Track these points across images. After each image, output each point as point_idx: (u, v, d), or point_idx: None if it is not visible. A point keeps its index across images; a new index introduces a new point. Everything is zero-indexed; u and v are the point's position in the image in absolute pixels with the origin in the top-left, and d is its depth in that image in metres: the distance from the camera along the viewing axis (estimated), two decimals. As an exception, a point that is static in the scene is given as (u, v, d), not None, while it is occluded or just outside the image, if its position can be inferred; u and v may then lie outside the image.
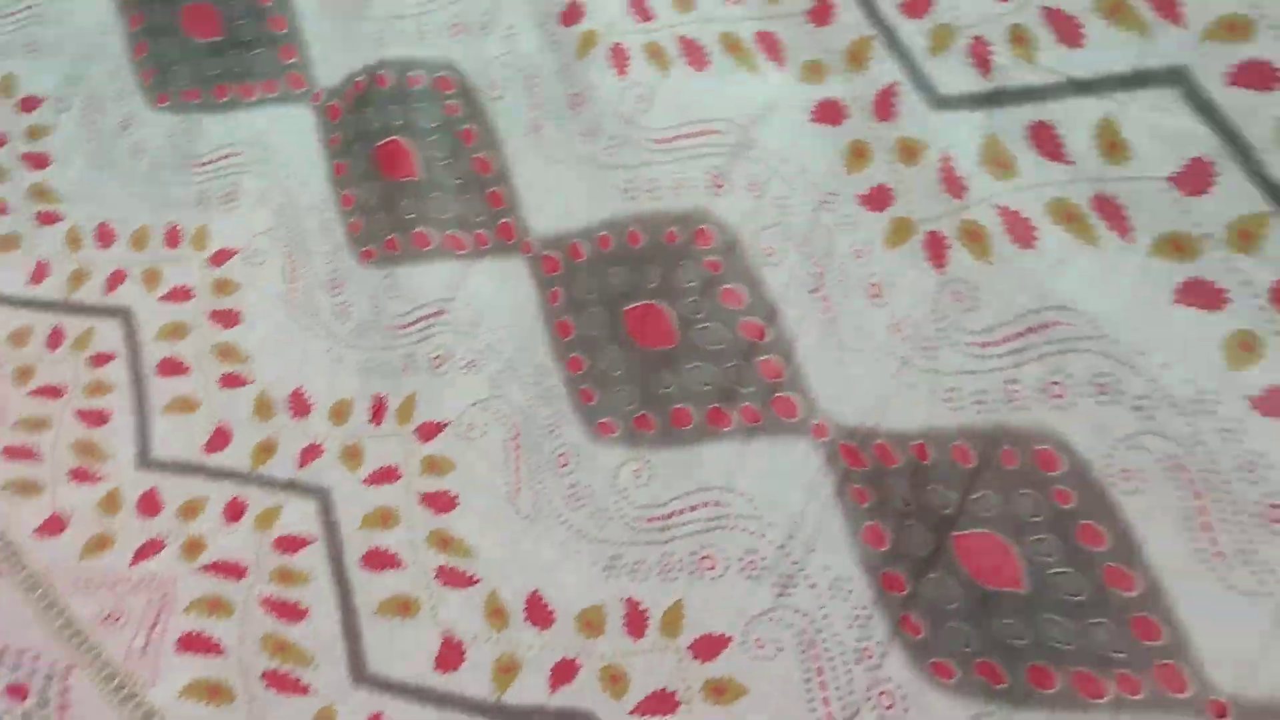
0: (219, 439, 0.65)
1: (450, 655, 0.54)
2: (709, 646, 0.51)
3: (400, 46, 0.67)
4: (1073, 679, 0.45)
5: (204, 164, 0.69)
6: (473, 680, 0.54)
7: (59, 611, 0.57)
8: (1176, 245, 0.47)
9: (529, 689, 0.53)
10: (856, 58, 0.52)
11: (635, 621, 0.52)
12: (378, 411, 0.63)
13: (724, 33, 0.57)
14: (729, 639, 0.51)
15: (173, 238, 0.70)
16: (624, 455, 0.58)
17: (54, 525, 0.63)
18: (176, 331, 0.68)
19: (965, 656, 0.46)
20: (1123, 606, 0.44)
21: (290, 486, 0.62)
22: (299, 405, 0.64)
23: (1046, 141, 0.49)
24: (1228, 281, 0.46)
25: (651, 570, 0.55)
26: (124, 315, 0.69)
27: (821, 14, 0.53)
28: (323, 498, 0.61)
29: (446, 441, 0.60)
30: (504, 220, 0.63)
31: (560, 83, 0.61)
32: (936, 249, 0.50)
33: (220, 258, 0.68)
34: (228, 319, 0.67)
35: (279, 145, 0.67)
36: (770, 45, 0.55)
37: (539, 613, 0.54)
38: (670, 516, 0.54)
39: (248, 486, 0.63)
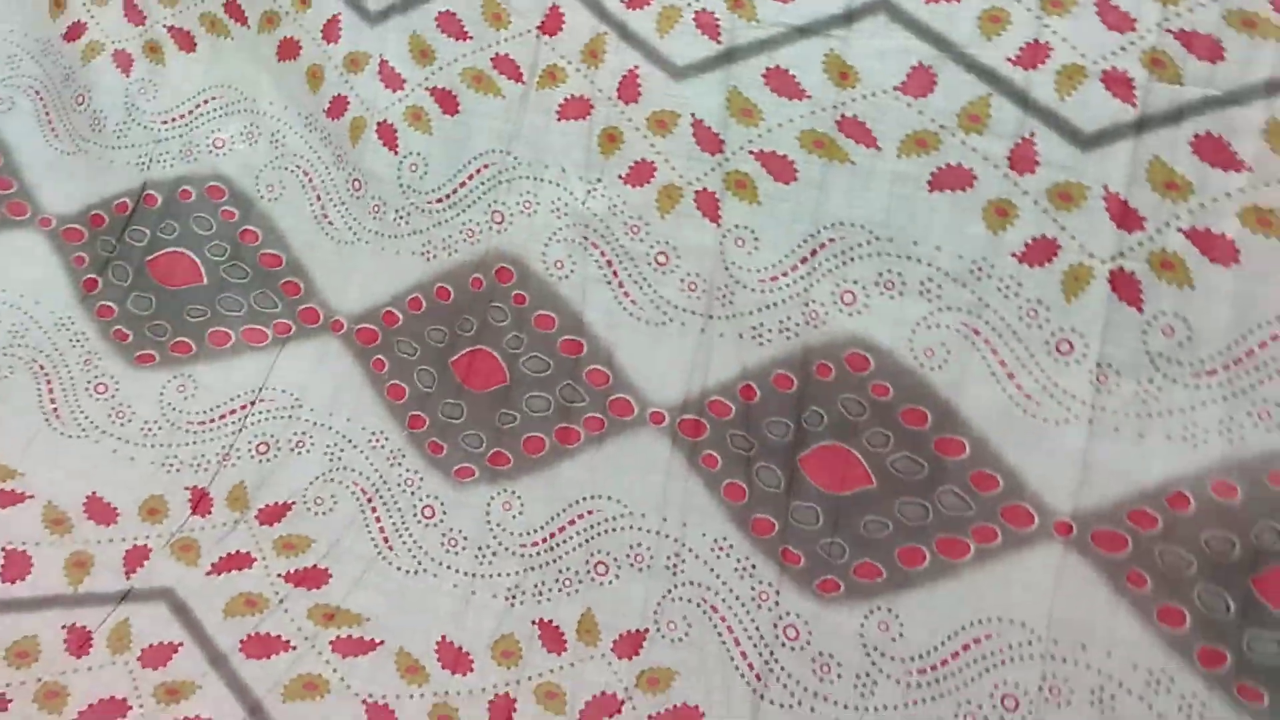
0: (16, 566, 0.57)
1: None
2: (629, 643, 0.53)
3: (164, 168, 0.70)
4: (939, 548, 0.47)
5: None
6: None
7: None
8: (919, 142, 0.52)
9: None
10: (594, 54, 0.57)
11: (553, 639, 0.54)
12: (199, 504, 0.60)
13: (465, 70, 0.62)
14: (644, 631, 0.54)
15: None
16: (488, 492, 0.59)
17: None
18: None
19: (843, 567, 0.49)
20: (959, 469, 0.47)
21: (127, 597, 0.57)
22: (100, 512, 0.60)
23: (784, 83, 0.54)
24: (970, 161, 0.51)
25: (552, 589, 0.56)
26: None
27: (553, 25, 0.59)
28: (169, 598, 0.57)
29: (295, 520, 0.60)
30: (305, 306, 0.65)
31: (338, 170, 0.65)
32: (708, 204, 0.54)
33: None
34: None
35: (14, 279, 0.69)
36: (504, 66, 0.60)
37: (454, 657, 0.53)
38: (552, 536, 0.57)
39: (77, 609, 0.56)
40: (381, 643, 0.55)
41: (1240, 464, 0.45)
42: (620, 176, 0.57)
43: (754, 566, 0.50)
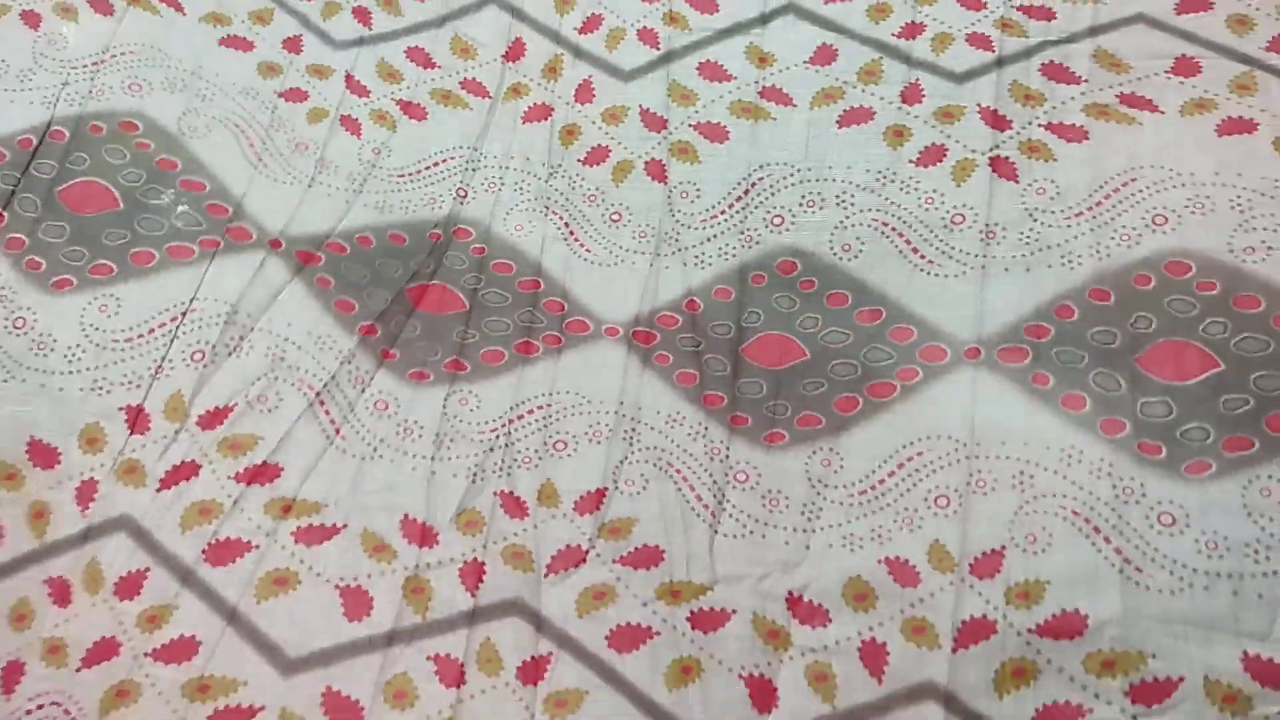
0: None
1: (357, 601, 0.88)
2: (590, 501, 0.92)
3: (71, 106, 1.10)
4: (869, 393, 0.91)
5: None
6: (389, 615, 0.87)
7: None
8: (827, 96, 1.08)
9: (449, 603, 0.88)
10: (553, 70, 1.11)
11: (514, 507, 0.92)
12: (138, 421, 0.95)
13: (434, 90, 1.17)
14: (604, 489, 0.94)
15: None
16: (445, 390, 1.01)
17: None
18: None
19: (786, 420, 0.94)
20: (879, 329, 0.93)
21: (88, 535, 0.90)
22: (43, 455, 0.93)
23: (713, 71, 1.10)
24: (870, 103, 1.06)
25: (512, 466, 0.98)
26: None
27: (515, 53, 1.13)
28: (126, 524, 0.90)
29: (238, 421, 0.96)
30: (234, 225, 1.06)
31: (279, 133, 1.13)
32: (656, 170, 1.06)
33: None
34: None
35: None
36: (472, 87, 1.14)
37: (419, 532, 0.91)
38: (510, 424, 1.01)
39: (49, 561, 0.89)
40: (344, 526, 0.93)
41: (1110, 274, 0.94)
42: (579, 160, 1.12)
43: (706, 430, 0.95)
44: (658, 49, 1.19)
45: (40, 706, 0.83)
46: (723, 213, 1.09)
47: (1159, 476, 0.85)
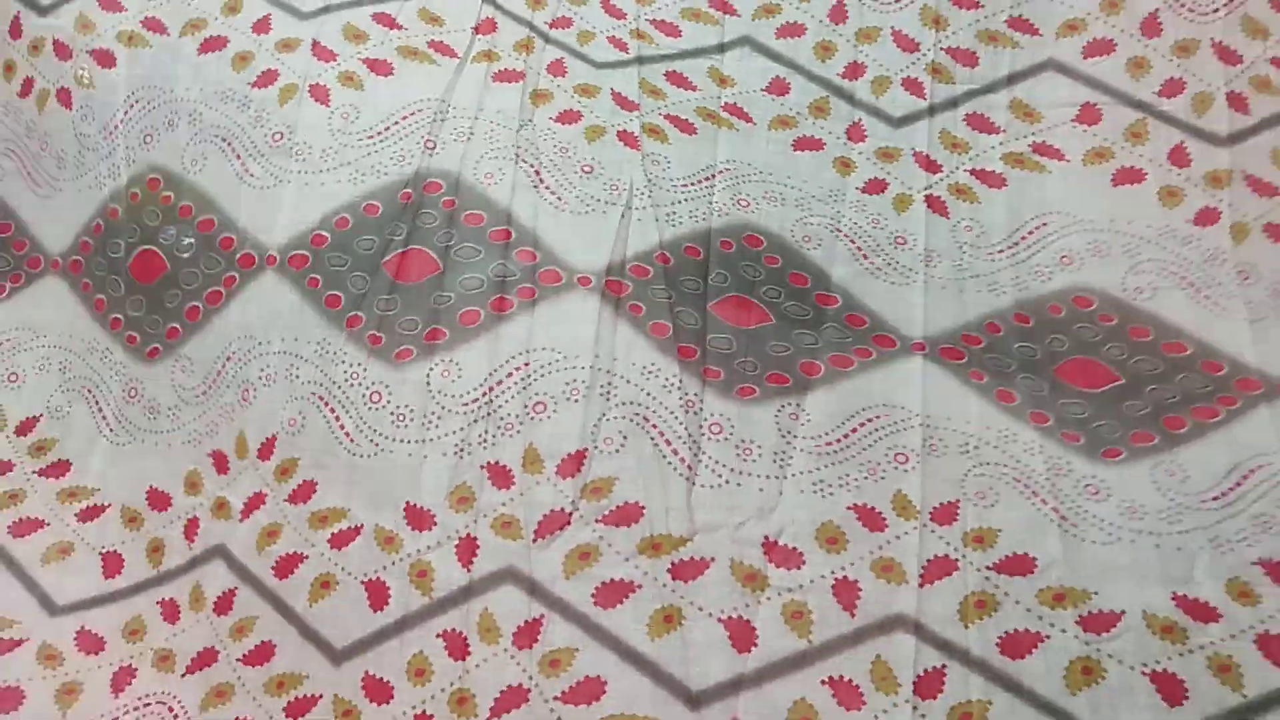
0: (111, 564, 1.06)
1: (377, 593, 0.95)
2: (571, 463, 0.99)
3: (115, 180, 1.21)
4: (831, 362, 1.01)
5: None
6: (401, 602, 0.95)
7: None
8: (782, 121, 1.19)
9: (448, 581, 0.94)
10: (525, 47, 1.20)
11: (501, 477, 0.99)
12: (220, 463, 1.06)
13: (400, 46, 1.24)
14: (584, 450, 1.00)
15: None
16: (426, 365, 1.08)
17: (12, 699, 0.96)
18: (14, 498, 1.12)
19: (756, 377, 1.03)
20: (836, 314, 1.07)
21: (193, 564, 1.03)
22: (158, 500, 1.08)
23: (679, 80, 1.18)
24: (819, 134, 1.19)
25: (495, 435, 1.02)
26: None
27: (487, 28, 1.17)
28: (223, 553, 1.03)
29: (283, 448, 1.04)
30: (241, 254, 1.13)
31: (257, 129, 1.19)
32: (629, 139, 1.11)
33: (24, 427, 1.17)
34: (58, 469, 1.13)
35: (38, 320, 1.21)
36: (440, 47, 1.20)
37: (418, 517, 0.97)
38: (491, 390, 1.06)
39: (162, 586, 1.03)
40: (361, 526, 0.99)
41: (1028, 302, 1.13)
42: (550, 118, 1.14)
43: (680, 382, 1.01)
44: (627, 53, 1.27)
45: (146, 705, 0.95)
46: (693, 185, 1.17)
47: (1081, 458, 1.01)
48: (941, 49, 1.27)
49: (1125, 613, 0.91)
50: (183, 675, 0.97)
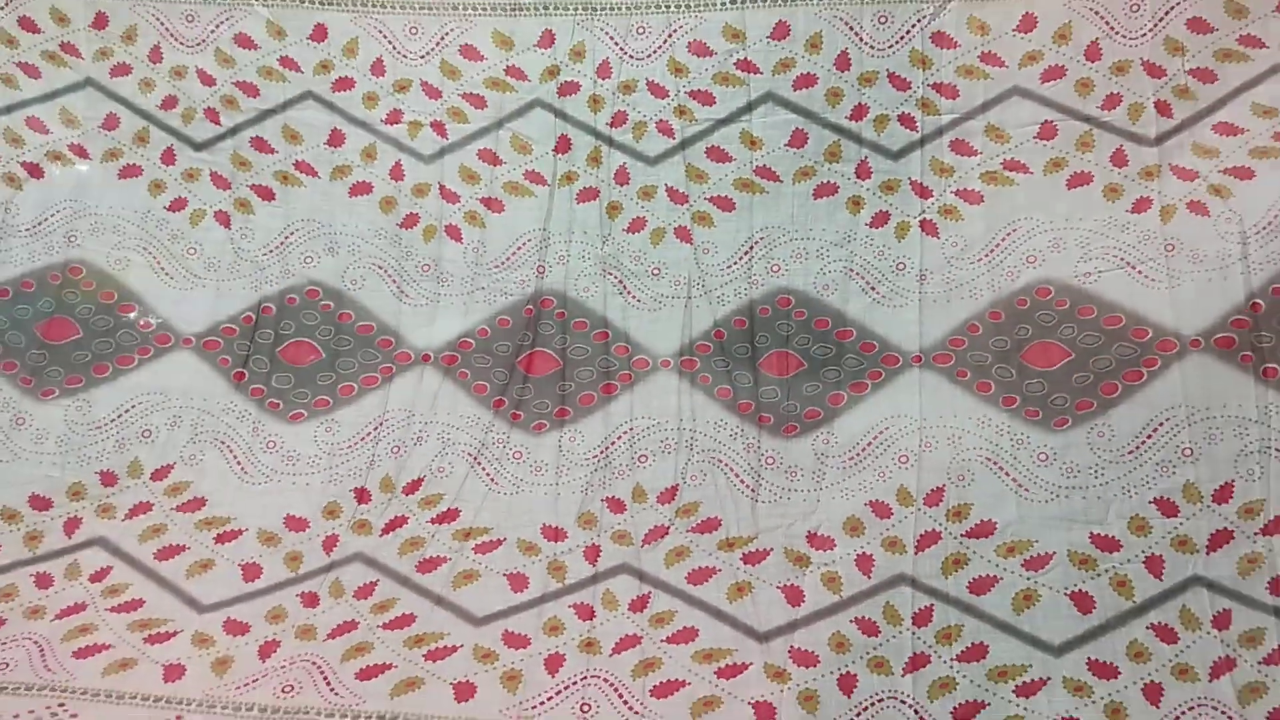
0: (250, 572, 1.65)
1: (518, 582, 1.61)
2: (668, 494, 1.73)
3: (270, 286, 1.96)
4: (851, 390, 1.72)
5: (107, 423, 1.86)
6: (540, 586, 1.61)
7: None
8: (803, 173, 1.85)
9: (578, 572, 1.62)
10: (594, 159, 1.86)
11: (616, 506, 1.72)
12: (361, 496, 1.77)
13: (505, 183, 1.93)
14: (676, 485, 1.75)
15: (108, 479, 1.80)
16: (557, 435, 1.83)
17: (176, 672, 1.45)
18: (156, 531, 1.72)
19: (797, 416, 1.76)
20: (853, 344, 1.74)
21: (330, 567, 1.66)
22: (296, 524, 1.73)
23: (718, 154, 1.82)
24: (834, 178, 1.85)
25: (611, 479, 1.76)
26: (100, 542, 1.69)
27: (563, 147, 1.84)
28: (361, 557, 1.67)
29: (429, 486, 1.78)
30: (399, 352, 1.90)
31: (408, 261, 1.94)
32: (683, 234, 1.84)
33: (159, 474, 1.80)
34: (195, 505, 1.76)
35: (170, 386, 1.88)
36: (534, 177, 1.87)
37: (553, 533, 1.68)
38: (606, 450, 1.80)
39: (301, 584, 1.64)
40: (504, 539, 1.72)
41: (1000, 300, 1.72)
42: (624, 229, 1.78)
43: (742, 431, 1.72)
44: (673, 138, 1.89)
45: (292, 663, 1.47)
46: (735, 264, 1.81)
47: (1038, 430, 1.61)
48: (928, 85, 1.80)
49: (1055, 553, 1.52)
50: (324, 640, 1.49)
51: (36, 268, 1.91)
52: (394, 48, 1.91)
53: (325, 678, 1.46)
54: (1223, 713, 1.36)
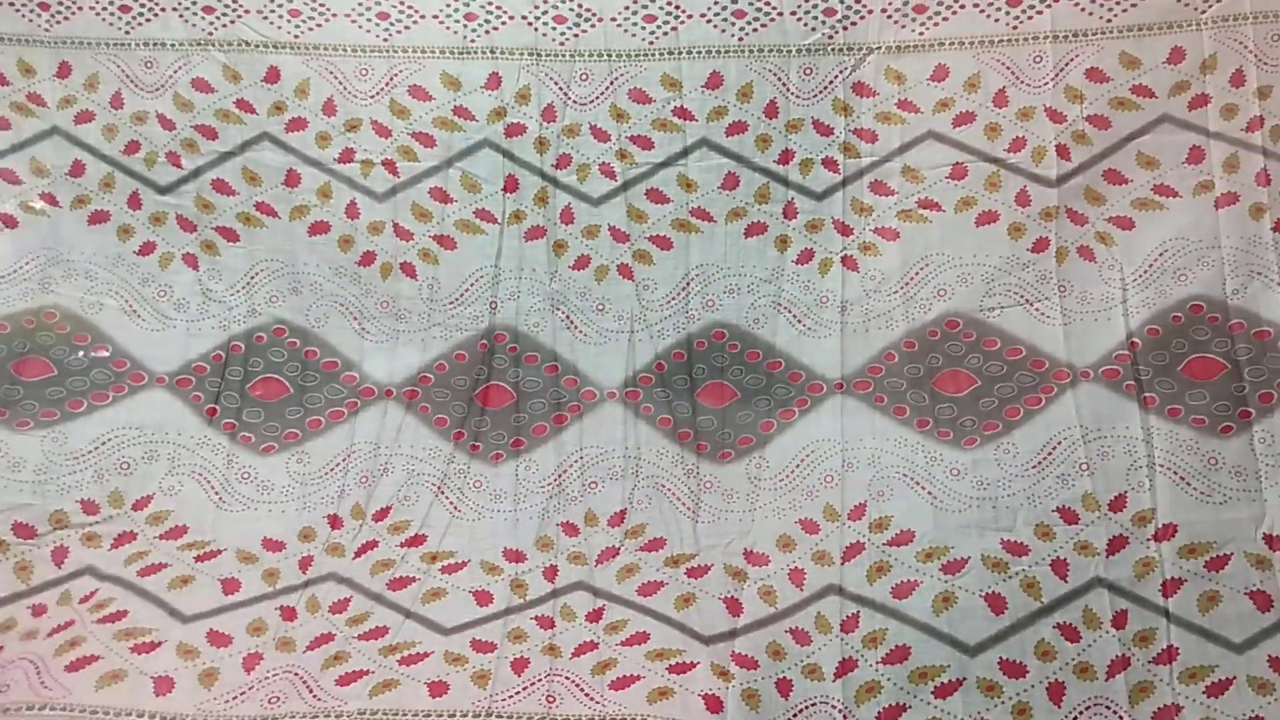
0: (230, 586, 1.78)
1: (483, 598, 1.76)
2: (617, 518, 1.89)
3: (238, 325, 2.09)
4: (780, 417, 1.88)
5: (85, 454, 1.94)
6: (504, 601, 1.76)
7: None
8: (735, 213, 2.02)
9: (538, 589, 1.79)
10: (541, 199, 1.99)
11: (570, 530, 1.88)
12: (334, 523, 1.90)
13: (456, 221, 2.07)
14: (625, 510, 1.90)
15: (89, 508, 1.89)
16: (515, 464, 1.98)
17: (165, 685, 1.58)
18: (138, 557, 1.82)
19: (731, 443, 1.91)
20: (782, 375, 1.90)
21: (307, 584, 1.79)
22: (273, 545, 1.87)
23: (656, 196, 1.99)
24: (763, 218, 1.98)
25: (565, 504, 1.92)
26: (90, 571, 1.79)
27: (511, 186, 2.00)
28: (335, 577, 1.80)
29: (397, 513, 1.92)
30: (363, 388, 2.02)
31: (368, 298, 2.05)
32: (625, 271, 1.98)
33: (140, 504, 1.90)
34: (177, 533, 1.87)
35: (144, 421, 1.97)
36: (484, 215, 2.02)
37: (514, 555, 1.84)
38: (559, 478, 1.95)
39: (278, 598, 1.75)
40: (468, 561, 1.88)
41: (914, 331, 1.90)
42: (570, 266, 1.95)
43: (682, 458, 1.90)
44: (615, 180, 2.03)
45: (275, 675, 1.59)
46: (674, 299, 1.96)
47: (950, 449, 1.79)
48: (850, 131, 1.97)
49: (970, 558, 1.70)
50: (303, 652, 1.61)
51: (12, 312, 1.99)
52: (344, 88, 2.02)
53: (308, 686, 1.59)
54: (1114, 712, 1.55)
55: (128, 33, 2.01)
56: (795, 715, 1.57)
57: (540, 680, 1.61)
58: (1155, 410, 1.76)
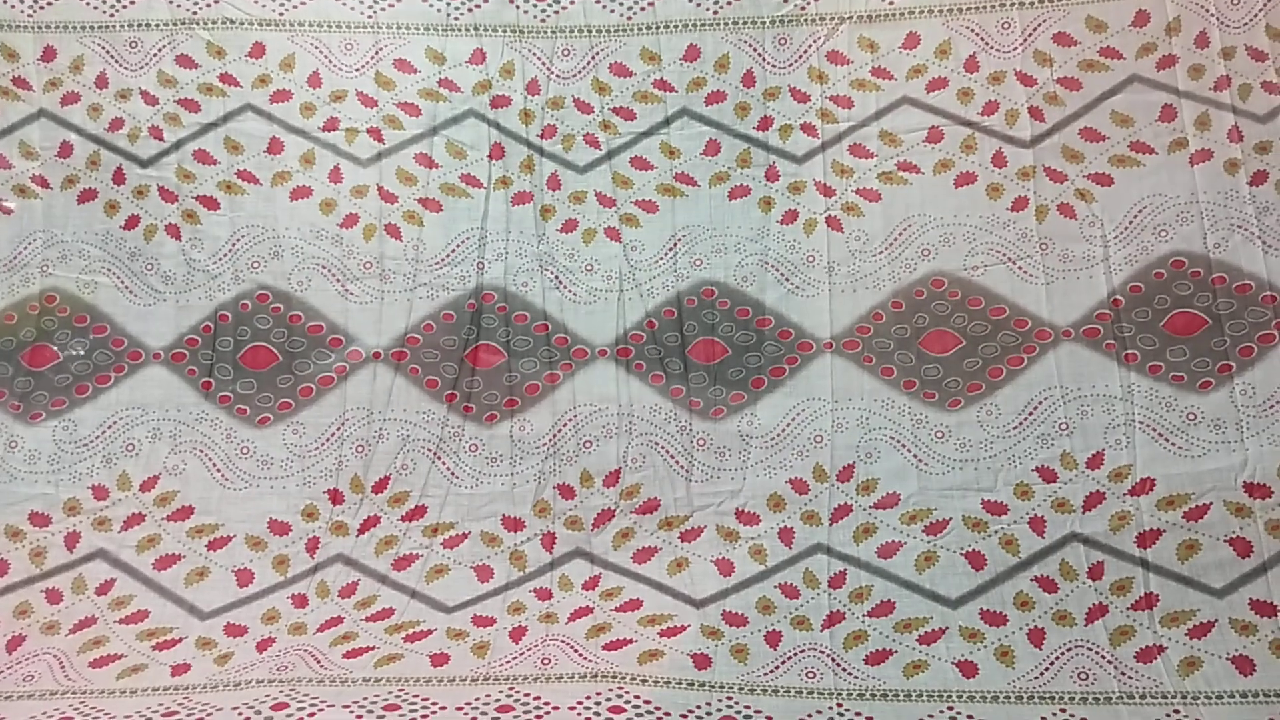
0: (244, 577, 1.86)
1: (484, 573, 1.85)
2: (612, 478, 1.93)
3: (225, 294, 2.10)
4: (771, 374, 1.91)
5: (93, 441, 2.01)
6: (504, 576, 1.86)
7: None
8: (718, 178, 2.05)
9: (536, 560, 1.88)
10: (528, 166, 2.02)
11: (567, 492, 1.93)
12: (335, 497, 1.94)
13: (442, 185, 2.08)
14: (619, 469, 1.94)
15: (100, 493, 1.96)
16: (509, 424, 2.00)
17: (182, 669, 1.67)
18: (152, 541, 1.90)
19: (723, 400, 1.95)
20: (772, 332, 1.90)
21: (316, 569, 1.88)
22: (279, 528, 1.92)
23: (640, 163, 2.02)
24: (745, 181, 2.02)
25: (561, 465, 1.96)
26: (101, 555, 1.90)
27: (497, 153, 2.02)
28: (343, 559, 1.90)
29: (396, 484, 1.96)
30: (350, 350, 2.06)
31: (350, 259, 2.07)
32: (613, 234, 1.98)
33: (147, 485, 1.94)
34: (184, 513, 1.93)
35: (146, 399, 2.00)
36: (470, 180, 2.04)
37: (511, 524, 1.91)
38: (555, 437, 1.98)
39: (290, 586, 1.85)
40: (468, 533, 1.94)
41: (900, 290, 1.93)
42: (557, 230, 1.96)
43: (675, 415, 1.91)
44: (599, 149, 2.05)
45: (287, 653, 1.69)
46: (661, 258, 1.99)
47: (935, 411, 1.83)
48: (826, 98, 1.99)
49: (951, 519, 1.75)
50: (314, 633, 1.71)
51: (16, 300, 2.01)
52: (330, 61, 2.05)
53: (317, 659, 1.66)
54: (1096, 653, 1.61)
55: (112, 15, 2.03)
56: (784, 662, 1.63)
57: (537, 645, 1.68)
58: (1136, 367, 1.79)
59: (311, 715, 1.51)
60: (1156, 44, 1.89)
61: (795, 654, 1.64)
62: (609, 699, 1.55)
